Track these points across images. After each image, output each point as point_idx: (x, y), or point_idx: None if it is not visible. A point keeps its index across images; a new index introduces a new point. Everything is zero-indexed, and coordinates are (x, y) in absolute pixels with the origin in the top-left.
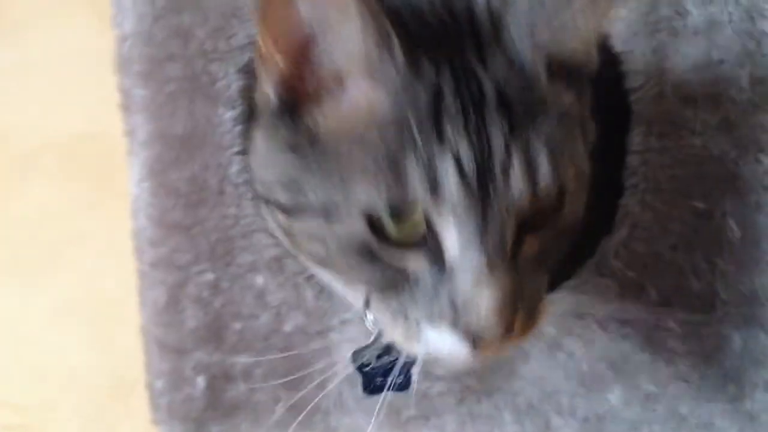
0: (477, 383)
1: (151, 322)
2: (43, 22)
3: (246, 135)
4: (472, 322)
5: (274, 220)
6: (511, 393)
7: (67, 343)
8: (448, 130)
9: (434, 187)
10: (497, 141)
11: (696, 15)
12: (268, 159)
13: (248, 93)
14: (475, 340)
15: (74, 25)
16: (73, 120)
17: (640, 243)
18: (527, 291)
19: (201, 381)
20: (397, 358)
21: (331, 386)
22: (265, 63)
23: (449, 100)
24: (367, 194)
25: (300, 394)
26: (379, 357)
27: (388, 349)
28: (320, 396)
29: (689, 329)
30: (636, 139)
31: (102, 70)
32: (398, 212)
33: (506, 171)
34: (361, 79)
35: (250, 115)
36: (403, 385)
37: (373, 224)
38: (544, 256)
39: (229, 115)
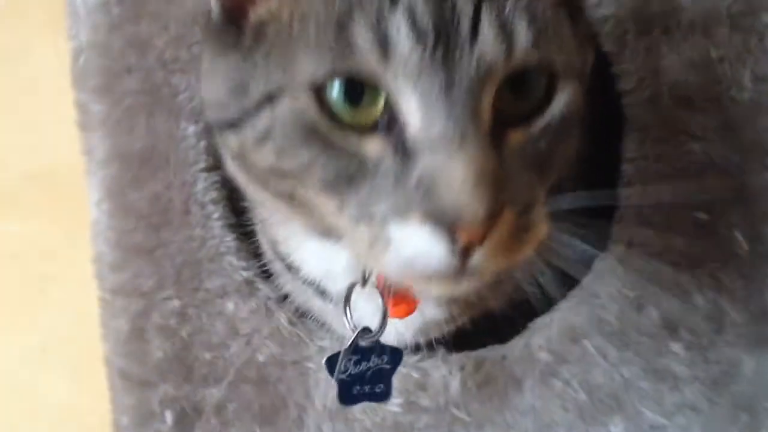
0: (466, 415)
1: (114, 353)
2: (26, 52)
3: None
4: (446, 203)
5: (229, 153)
6: (504, 425)
7: (55, 382)
8: None
9: (384, 46)
10: (462, 1)
11: (691, 10)
12: (214, 71)
13: None
14: (454, 232)
15: (57, 55)
16: (54, 150)
17: (638, 260)
18: (517, 185)
19: (169, 416)
20: (377, 365)
21: (309, 420)
22: None
23: None
24: (312, 65)
25: (276, 429)
26: (357, 363)
27: (367, 353)
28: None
29: (695, 353)
30: (630, 146)
31: None
32: (349, 85)
33: (475, 32)
34: None
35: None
36: (383, 395)
37: (322, 103)
38: (535, 157)
39: (192, 129)
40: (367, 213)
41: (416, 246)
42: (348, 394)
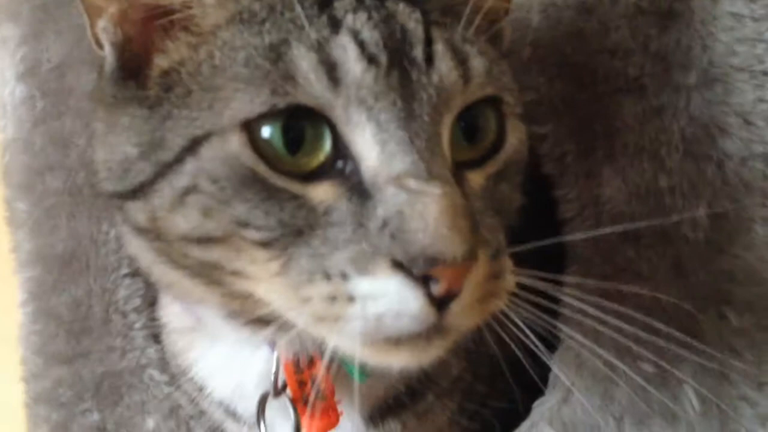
0: None
1: None
2: None
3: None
4: (420, 244)
5: (132, 228)
6: None
7: None
8: (342, 12)
9: (331, 70)
10: (412, 26)
11: (639, 131)
12: (113, 134)
13: None
14: (428, 281)
15: None
16: None
17: (576, 410)
18: (484, 227)
19: None
20: None
21: None
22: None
23: None
24: (244, 102)
25: None
26: None
27: None
28: None
29: None
30: (569, 281)
31: None
32: (288, 128)
33: (429, 57)
34: None
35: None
36: None
37: (258, 147)
38: (493, 201)
39: (114, 233)
40: (322, 268)
41: (386, 300)
42: None
